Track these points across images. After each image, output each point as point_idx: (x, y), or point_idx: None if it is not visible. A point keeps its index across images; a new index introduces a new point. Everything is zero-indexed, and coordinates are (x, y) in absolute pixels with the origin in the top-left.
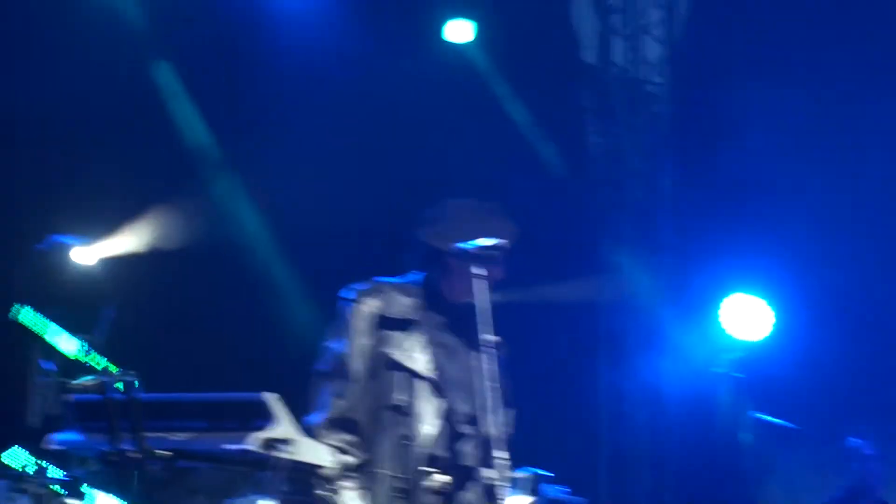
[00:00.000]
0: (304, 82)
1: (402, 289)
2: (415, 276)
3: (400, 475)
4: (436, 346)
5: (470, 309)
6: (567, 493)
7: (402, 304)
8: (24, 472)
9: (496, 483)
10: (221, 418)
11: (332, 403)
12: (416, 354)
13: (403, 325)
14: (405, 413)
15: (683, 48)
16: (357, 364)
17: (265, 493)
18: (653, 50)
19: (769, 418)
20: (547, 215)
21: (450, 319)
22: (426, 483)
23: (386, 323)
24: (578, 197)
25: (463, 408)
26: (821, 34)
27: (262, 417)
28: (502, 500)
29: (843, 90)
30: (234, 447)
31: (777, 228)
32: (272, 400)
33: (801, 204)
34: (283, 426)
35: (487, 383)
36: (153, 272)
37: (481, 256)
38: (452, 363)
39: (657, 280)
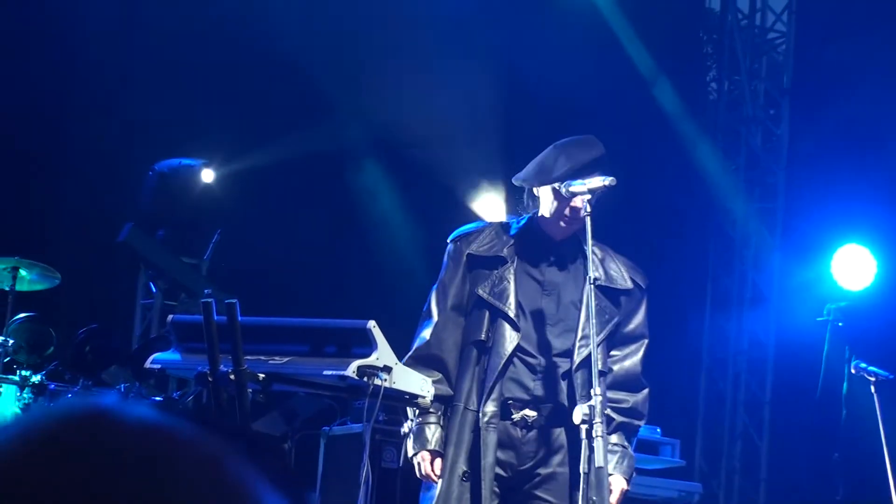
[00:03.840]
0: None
1: (503, 228)
2: (526, 217)
3: (479, 409)
4: (527, 281)
5: (575, 245)
6: (658, 433)
7: (497, 243)
8: (120, 391)
9: (587, 420)
10: (322, 344)
11: (419, 342)
12: (501, 290)
13: (493, 262)
14: (486, 348)
15: None
16: (443, 303)
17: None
18: None
19: (871, 367)
20: (663, 160)
21: (551, 255)
22: (512, 417)
23: (476, 262)
24: (695, 143)
25: (555, 343)
26: None
27: (362, 345)
28: (598, 437)
29: None
30: (332, 373)
31: (888, 179)
32: (373, 328)
33: None
34: (382, 354)
35: (591, 320)
36: (262, 198)
37: (592, 194)
38: (547, 298)
39: (767, 227)
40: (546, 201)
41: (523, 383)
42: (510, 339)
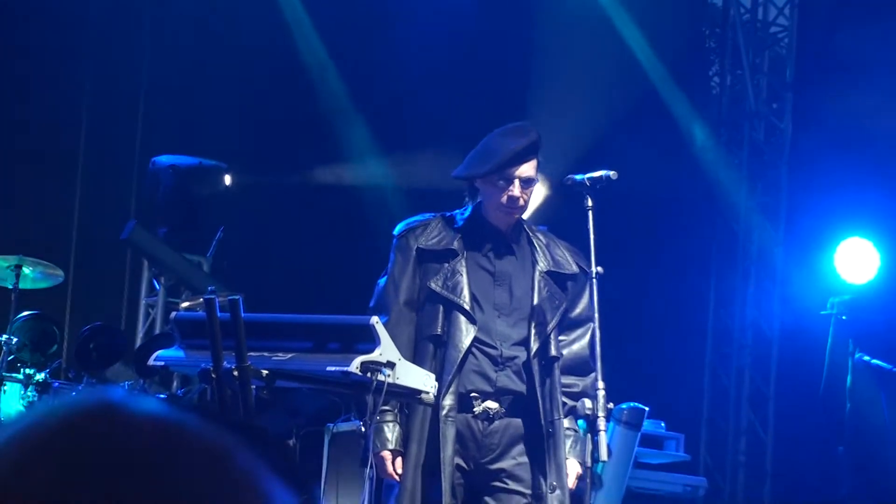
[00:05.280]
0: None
1: (449, 220)
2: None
3: (437, 403)
4: (479, 273)
5: (521, 233)
6: (663, 427)
7: (446, 236)
8: (124, 388)
9: (590, 413)
10: (325, 340)
11: None
12: (454, 283)
13: (443, 255)
14: (442, 343)
15: None
16: (395, 299)
17: (364, 417)
18: None
19: (874, 361)
20: (665, 155)
21: (500, 245)
22: (473, 410)
23: (426, 255)
24: (698, 137)
25: (511, 332)
26: None
27: (365, 341)
28: (600, 431)
29: None
30: (335, 369)
31: (891, 173)
32: (377, 324)
33: None
34: (385, 350)
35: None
36: (265, 195)
37: (590, 186)
38: (500, 288)
39: (770, 221)
40: (486, 191)
41: (486, 374)
42: (467, 331)
